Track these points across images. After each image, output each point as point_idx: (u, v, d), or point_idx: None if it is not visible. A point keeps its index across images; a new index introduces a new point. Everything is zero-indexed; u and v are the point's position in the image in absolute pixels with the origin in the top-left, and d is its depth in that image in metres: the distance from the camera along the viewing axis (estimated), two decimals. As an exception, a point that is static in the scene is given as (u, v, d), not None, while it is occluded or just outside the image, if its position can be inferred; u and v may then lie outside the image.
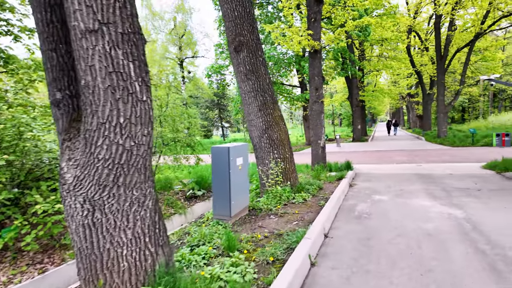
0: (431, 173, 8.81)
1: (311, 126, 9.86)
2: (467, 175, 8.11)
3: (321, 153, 9.74)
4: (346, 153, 16.98)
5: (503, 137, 15.67)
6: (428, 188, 6.75)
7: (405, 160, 12.85)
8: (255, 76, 6.16)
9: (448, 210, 5.00)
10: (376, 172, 9.40)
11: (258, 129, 6.22)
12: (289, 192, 5.78)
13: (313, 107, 9.64)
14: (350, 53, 20.41)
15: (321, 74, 9.66)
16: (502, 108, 38.76)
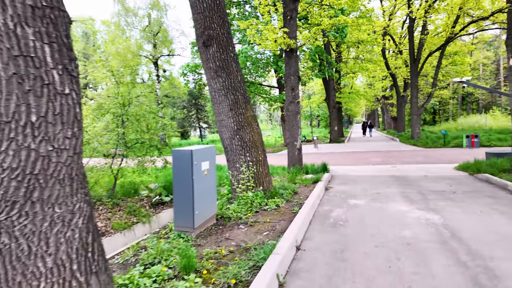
0: (406, 175, 8.73)
1: (287, 127, 9.53)
2: (442, 177, 8.07)
3: (297, 155, 9.43)
4: (323, 154, 16.88)
5: (473, 139, 16.16)
6: (404, 191, 6.57)
7: (381, 161, 12.86)
8: (226, 73, 5.71)
9: (426, 215, 4.79)
10: (352, 174, 9.21)
11: (229, 130, 5.78)
12: (261, 197, 5.38)
13: (289, 107, 9.32)
14: (327, 54, 20.41)
15: (297, 73, 9.36)
16: (469, 110, 40.61)
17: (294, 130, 9.37)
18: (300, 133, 9.56)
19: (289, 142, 9.50)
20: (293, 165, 9.38)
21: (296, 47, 9.18)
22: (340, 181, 8.06)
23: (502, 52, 32.24)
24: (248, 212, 4.79)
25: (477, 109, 40.56)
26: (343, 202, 5.74)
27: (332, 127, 23.86)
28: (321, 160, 10.25)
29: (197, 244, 3.81)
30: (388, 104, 34.46)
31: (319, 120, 57.98)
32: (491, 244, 3.59)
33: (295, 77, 9.27)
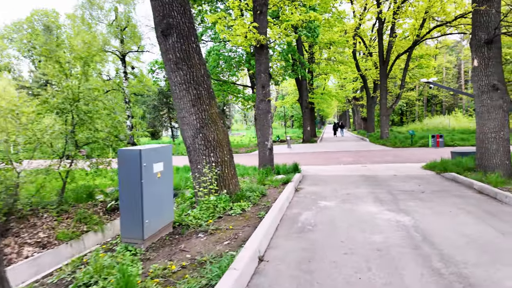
0: (376, 174, 8.67)
1: (258, 126, 9.17)
2: (410, 176, 8.06)
3: (268, 155, 9.09)
4: (295, 154, 16.74)
5: (438, 138, 16.73)
6: (374, 191, 6.42)
7: (352, 161, 12.87)
8: (188, 66, 5.22)
9: (396, 216, 4.59)
10: (323, 174, 9.02)
11: (192, 128, 5.29)
12: (226, 201, 4.94)
13: (260, 106, 8.96)
14: (299, 55, 20.36)
15: (268, 71, 9.03)
16: (434, 111, 42.67)
17: (265, 129, 9.02)
18: (272, 132, 9.23)
19: (260, 142, 9.14)
20: (264, 165, 9.03)
21: (267, 43, 8.84)
22: (311, 182, 7.81)
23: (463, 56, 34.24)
24: (210, 218, 4.33)
25: (441, 111, 42.70)
26: (313, 204, 5.44)
27: (305, 127, 23.90)
28: (293, 160, 10.00)
29: (146, 258, 3.30)
30: (359, 105, 35.30)
31: (293, 120, 58.49)
32: (463, 248, 3.41)
33: (266, 74, 8.93)
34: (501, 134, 7.25)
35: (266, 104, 8.92)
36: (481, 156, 7.52)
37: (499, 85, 7.25)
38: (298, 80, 23.32)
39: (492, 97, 7.30)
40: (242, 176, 9.37)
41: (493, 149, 7.30)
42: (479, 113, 7.57)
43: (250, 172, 9.66)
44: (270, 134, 9.07)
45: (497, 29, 7.16)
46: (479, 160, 7.61)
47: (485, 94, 7.38)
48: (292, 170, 9.20)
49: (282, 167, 9.51)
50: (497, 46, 7.30)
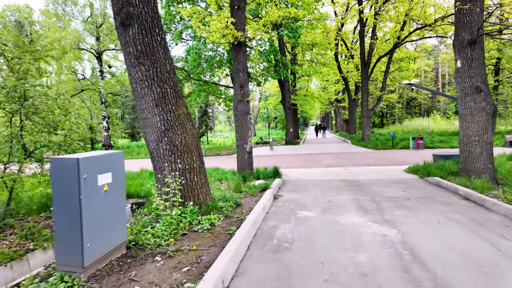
0: (358, 178, 8.29)
1: (236, 128, 8.60)
2: (393, 181, 7.72)
3: (247, 158, 8.53)
4: (278, 156, 16.29)
5: (418, 141, 16.72)
6: (357, 198, 5.99)
7: (334, 163, 12.53)
8: (150, 60, 4.59)
9: (381, 229, 4.14)
10: (304, 179, 8.56)
11: (155, 130, 4.66)
12: (194, 214, 4.34)
13: (238, 106, 8.40)
14: (281, 55, 19.96)
15: (247, 70, 8.48)
16: (413, 114, 43.50)
17: (244, 131, 8.47)
18: (251, 134, 8.68)
19: (239, 144, 8.57)
20: (243, 170, 8.47)
21: (245, 41, 8.29)
22: (291, 187, 7.31)
23: (441, 60, 35.05)
24: (172, 237, 3.72)
25: (420, 113, 43.61)
26: (292, 215, 4.93)
27: (288, 129, 23.52)
28: (275, 163, 9.52)
29: (83, 292, 2.67)
30: (341, 107, 35.39)
31: (276, 122, 58.29)
32: (457, 268, 2.97)
33: (244, 73, 8.38)
34: (485, 137, 7.01)
35: (245, 104, 8.37)
36: (465, 160, 7.27)
37: (482, 87, 7.02)
38: (281, 81, 22.93)
39: (475, 99, 7.06)
40: (220, 181, 8.79)
41: (476, 153, 7.06)
42: (462, 115, 7.32)
43: (228, 177, 9.08)
44: (249, 136, 8.52)
45: (480, 29, 6.93)
46: (462, 164, 7.35)
47: (469, 96, 7.14)
48: (272, 174, 8.69)
49: (263, 171, 8.99)
50: (480, 46, 7.07)
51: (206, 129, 30.66)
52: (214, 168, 11.41)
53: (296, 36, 15.76)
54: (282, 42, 21.60)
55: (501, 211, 4.74)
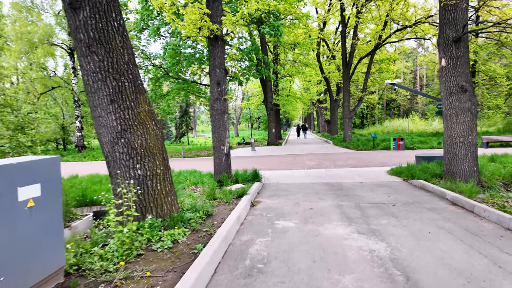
0: (341, 182, 7.87)
1: (213, 128, 7.98)
2: (377, 184, 7.34)
3: (224, 161, 7.93)
4: (259, 157, 15.76)
5: (399, 141, 16.66)
6: (340, 204, 5.52)
7: (316, 165, 12.14)
8: (105, 49, 3.91)
9: (369, 243, 3.66)
10: (285, 182, 8.05)
11: (110, 131, 3.98)
12: (153, 229, 3.70)
13: (215, 105, 7.78)
14: (263, 54, 19.45)
15: (224, 66, 7.88)
16: (393, 115, 44.26)
17: (221, 132, 7.86)
18: (229, 135, 8.08)
19: (215, 146, 7.95)
20: (220, 173, 7.86)
21: (222, 35, 7.69)
22: (271, 192, 6.77)
23: (420, 62, 35.82)
24: (122, 259, 3.07)
25: (399, 114, 44.43)
26: (269, 226, 4.37)
27: (270, 129, 23.05)
28: (256, 165, 8.99)
29: None
30: (323, 107, 35.38)
31: (259, 122, 57.87)
32: (459, 294, 2.51)
33: (221, 70, 7.77)
34: (469, 138, 6.76)
35: (222, 103, 7.77)
36: (449, 162, 6.99)
37: (467, 86, 6.76)
38: (263, 81, 22.45)
39: (460, 99, 6.79)
40: (195, 185, 8.14)
41: (461, 155, 6.79)
42: (447, 116, 7.04)
43: (205, 181, 8.43)
44: (226, 137, 7.92)
45: (466, 26, 6.66)
46: (447, 166, 7.08)
47: (453, 95, 6.86)
48: (251, 178, 8.14)
49: (242, 174, 8.43)
50: (465, 45, 6.81)
51: (186, 129, 29.71)
52: (191, 170, 10.71)
53: (278, 34, 15.28)
54: (264, 41, 21.13)
55: (492, 218, 4.40)
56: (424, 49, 45.25)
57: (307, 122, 59.64)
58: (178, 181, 8.83)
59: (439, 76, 7.26)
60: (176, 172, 10.47)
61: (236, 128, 45.91)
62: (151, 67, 19.07)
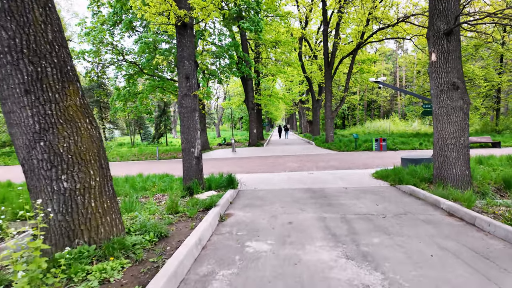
0: (324, 187, 7.12)
1: (182, 128, 7.02)
2: (363, 190, 6.64)
3: (195, 165, 6.99)
4: (239, 159, 14.88)
5: (381, 142, 16.25)
6: (324, 216, 4.73)
7: (297, 167, 11.41)
8: (17, 23, 2.92)
9: (360, 273, 2.86)
10: (263, 188, 7.21)
11: (26, 131, 2.98)
12: (79, 262, 2.74)
13: (183, 102, 6.84)
14: (244, 52, 18.61)
15: (194, 57, 6.95)
16: (373, 116, 44.53)
17: (191, 132, 6.92)
18: (199, 136, 7.15)
19: (185, 148, 6.99)
20: (190, 179, 6.92)
21: (191, 22, 6.75)
22: (246, 201, 5.91)
23: (400, 63, 36.12)
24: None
25: (379, 115, 44.77)
26: (238, 250, 3.50)
27: (251, 130, 22.19)
28: (234, 168, 8.11)
29: None
30: (305, 108, 34.94)
31: (242, 122, 56.94)
32: None
33: (191, 62, 6.84)
34: (461, 140, 6.17)
35: (192, 99, 6.83)
36: (440, 165, 6.38)
37: (459, 83, 6.17)
38: (244, 79, 21.59)
39: (452, 97, 6.19)
40: (163, 192, 7.18)
41: (453, 158, 6.20)
42: (437, 115, 6.43)
43: (175, 187, 7.45)
44: (197, 138, 6.99)
45: (458, 18, 6.07)
46: (437, 170, 6.47)
47: (445, 93, 6.25)
48: (226, 183, 7.25)
49: (216, 179, 7.53)
50: (457, 38, 6.22)
51: (165, 129, 28.32)
52: (163, 174, 9.68)
53: (258, 30, 14.47)
54: (245, 38, 20.28)
55: (500, 234, 3.73)
56: (404, 51, 45.91)
57: (289, 123, 59.31)
58: (144, 188, 7.83)
59: (429, 72, 6.65)
60: (145, 176, 9.44)
61: (217, 128, 44.70)
62: (125, 63, 17.76)
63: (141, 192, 7.43)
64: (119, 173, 11.80)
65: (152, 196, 6.91)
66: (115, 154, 19.61)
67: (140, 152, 20.03)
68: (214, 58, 18.10)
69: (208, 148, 20.64)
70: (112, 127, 33.82)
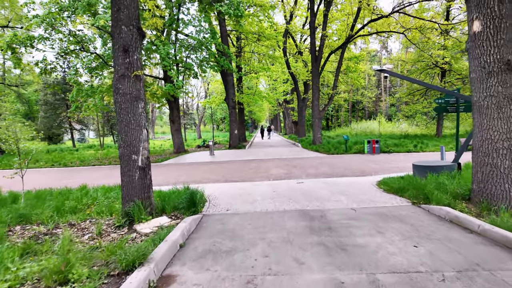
0: (323, 208, 5.03)
1: (119, 125, 4.73)
2: (380, 214, 4.59)
3: (139, 179, 4.70)
4: (216, 164, 12.62)
5: (373, 144, 14.46)
6: (340, 281, 2.62)
7: (283, 174, 9.34)
8: None
9: None
10: (239, 211, 5.03)
11: None
12: None
13: (120, 86, 4.56)
14: (223, 44, 16.39)
15: (137, 22, 4.68)
16: (357, 117, 43.33)
17: (132, 131, 4.65)
18: (147, 137, 4.89)
19: (123, 155, 4.70)
20: (131, 200, 4.64)
21: (130, -32, 4.49)
22: (208, 243, 3.69)
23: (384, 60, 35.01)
24: None
25: (363, 116, 43.62)
26: None
27: (232, 131, 19.93)
28: (210, 174, 5.96)
29: None
30: (290, 108, 33.04)
31: (225, 123, 54.48)
32: None
33: (131, 28, 4.57)
34: (518, 142, 4.25)
35: (132, 83, 4.56)
36: (485, 177, 4.45)
37: (516, 62, 4.25)
38: (224, 75, 19.33)
39: (505, 82, 4.27)
40: (100, 216, 4.95)
41: (504, 167, 4.28)
42: (481, 108, 4.49)
43: (118, 207, 5.16)
44: (142, 140, 4.72)
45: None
46: (480, 183, 4.53)
47: (494, 76, 4.32)
48: (187, 204, 5.01)
49: (174, 197, 5.33)
50: (513, -2, 4.31)
51: (139, 130, 25.48)
52: (112, 186, 7.32)
53: (238, 14, 12.30)
54: (225, 29, 18.05)
55: None
56: (388, 52, 45.09)
57: (273, 124, 57.38)
58: (74, 209, 5.50)
59: (468, 49, 4.71)
60: (92, 188, 7.13)
61: (198, 129, 41.98)
62: (85, 54, 15.08)
63: (68, 216, 5.10)
64: (70, 182, 9.31)
65: (79, 222, 4.67)
66: (76, 158, 16.83)
67: (104, 156, 17.34)
68: (189, 49, 15.76)
69: (184, 151, 18.22)
70: (81, 127, 30.51)
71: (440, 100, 7.72)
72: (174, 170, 11.41)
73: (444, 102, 7.65)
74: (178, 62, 16.53)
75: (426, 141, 16.62)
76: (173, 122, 17.70)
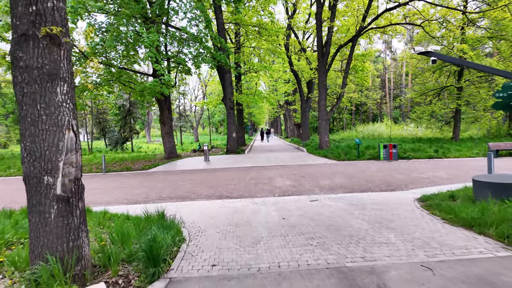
0: (373, 264, 3.01)
1: (22, 126, 2.69)
2: (475, 278, 2.55)
3: (56, 219, 2.67)
4: (210, 173, 10.59)
5: (390, 149, 12.46)
6: None
7: (290, 187, 7.38)
8: None
9: None
10: (231, 269, 2.98)
11: None
12: None
13: (22, 55, 2.53)
14: (220, 37, 14.41)
15: None
16: (361, 120, 41.34)
17: (44, 134, 2.60)
18: (77, 146, 2.85)
19: (29, 175, 2.64)
20: (40, 256, 2.58)
21: None
22: None
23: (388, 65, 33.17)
24: None
25: (366, 119, 41.65)
26: None
27: (230, 133, 17.89)
28: (199, 187, 4.21)
29: None
30: (292, 109, 31.01)
31: (223, 126, 52.47)
32: None
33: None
34: None
35: (44, 49, 2.53)
36: None
37: None
38: (221, 73, 17.34)
39: None
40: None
41: None
42: None
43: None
44: (64, 151, 2.68)
45: None
46: None
47: None
48: (144, 259, 2.96)
49: (136, 233, 3.30)
50: None
51: (130, 133, 23.38)
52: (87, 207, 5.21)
53: (236, 1, 10.34)
54: (222, 22, 16.08)
55: None
56: (392, 52, 43.30)
57: (273, 126, 55.41)
58: None
59: None
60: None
61: (195, 132, 39.87)
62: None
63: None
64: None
65: None
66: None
67: (87, 162, 15.27)
68: (182, 42, 13.77)
69: (176, 156, 16.17)
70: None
71: (501, 93, 5.71)
72: (159, 181, 9.37)
73: (508, 96, 5.65)
74: (170, 57, 14.56)
75: (446, 146, 14.65)
76: (164, 124, 15.67)
